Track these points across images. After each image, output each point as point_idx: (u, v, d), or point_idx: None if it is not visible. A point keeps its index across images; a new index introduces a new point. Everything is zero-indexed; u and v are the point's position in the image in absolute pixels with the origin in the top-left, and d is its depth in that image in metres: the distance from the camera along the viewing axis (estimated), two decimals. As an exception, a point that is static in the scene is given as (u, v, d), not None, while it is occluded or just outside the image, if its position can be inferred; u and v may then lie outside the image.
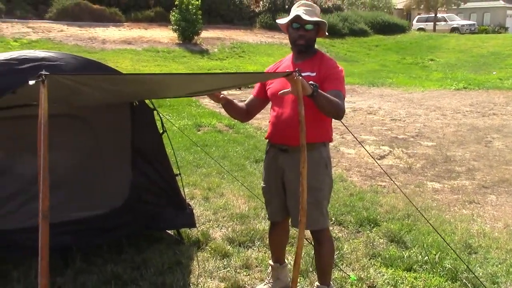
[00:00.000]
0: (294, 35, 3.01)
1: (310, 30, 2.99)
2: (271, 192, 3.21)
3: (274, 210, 3.26)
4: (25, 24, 20.53)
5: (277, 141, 3.10)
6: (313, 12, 3.00)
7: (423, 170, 6.75)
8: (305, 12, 2.94)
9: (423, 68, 22.51)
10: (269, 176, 3.19)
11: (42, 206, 1.62)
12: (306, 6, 3.01)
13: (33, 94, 2.00)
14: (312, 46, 3.07)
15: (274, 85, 3.08)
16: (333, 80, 2.95)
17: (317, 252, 3.23)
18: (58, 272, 3.49)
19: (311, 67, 2.97)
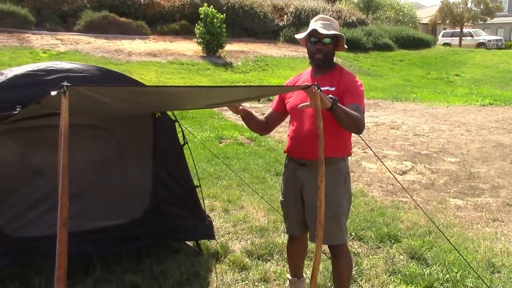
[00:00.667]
0: (312, 49, 3.01)
1: (327, 44, 2.98)
2: (289, 206, 3.21)
3: (292, 224, 3.26)
4: (54, 36, 21.02)
5: (296, 155, 3.10)
6: (331, 25, 2.99)
7: (446, 186, 6.65)
8: (322, 26, 2.94)
9: (448, 83, 22.27)
10: (288, 190, 3.19)
11: (60, 214, 1.65)
12: (324, 20, 3.01)
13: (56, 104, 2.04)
14: (330, 60, 3.06)
15: (293, 99, 3.08)
16: (352, 94, 2.94)
17: (335, 267, 3.20)
18: (79, 279, 3.54)
19: (330, 81, 2.97)
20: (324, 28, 2.93)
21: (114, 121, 3.65)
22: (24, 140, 3.46)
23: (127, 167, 3.87)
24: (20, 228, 3.47)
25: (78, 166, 3.38)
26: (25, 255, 3.50)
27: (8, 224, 3.43)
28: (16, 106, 2.83)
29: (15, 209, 3.46)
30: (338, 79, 2.98)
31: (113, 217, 3.77)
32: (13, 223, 3.44)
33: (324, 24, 2.97)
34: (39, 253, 3.49)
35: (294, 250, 3.41)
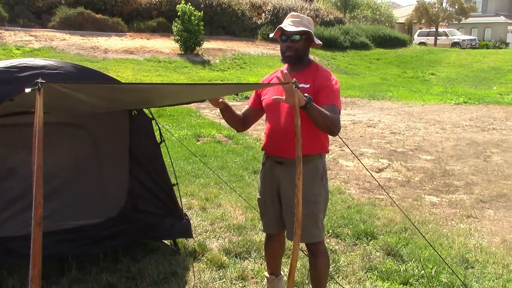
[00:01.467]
0: (282, 47, 3.02)
1: (297, 41, 2.97)
2: (266, 203, 3.21)
3: (269, 221, 3.26)
4: (28, 33, 20.64)
5: (272, 153, 3.10)
6: (300, 22, 2.99)
7: (421, 183, 6.75)
8: (291, 23, 2.95)
9: (423, 82, 22.58)
10: (265, 188, 3.19)
11: (35, 214, 1.63)
12: (293, 17, 3.01)
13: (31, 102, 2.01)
14: (302, 57, 3.05)
15: (268, 96, 3.08)
16: (328, 93, 2.94)
17: (312, 265, 3.21)
18: (54, 280, 3.49)
19: (305, 78, 2.96)
20: (292, 25, 2.94)
21: (90, 119, 3.61)
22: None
23: (104, 165, 3.83)
24: (-6, 228, 3.40)
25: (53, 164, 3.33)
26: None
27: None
28: (-12, 103, 2.77)
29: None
30: (314, 76, 2.97)
31: (89, 216, 3.73)
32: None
33: (293, 21, 2.98)
34: (13, 253, 3.43)
35: (272, 248, 3.41)
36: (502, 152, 8.81)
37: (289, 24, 2.94)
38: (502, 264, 4.13)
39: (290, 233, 3.01)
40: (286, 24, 2.94)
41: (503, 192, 6.32)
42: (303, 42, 3.00)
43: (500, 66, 25.53)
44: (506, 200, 6.03)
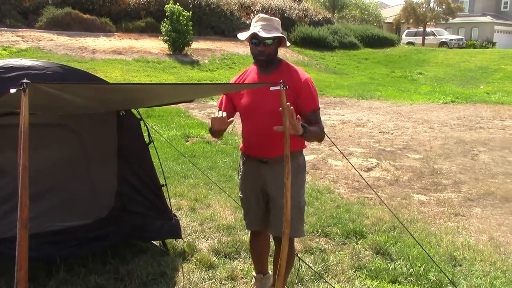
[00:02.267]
0: (254, 50, 2.97)
1: (269, 45, 2.93)
2: (250, 202, 3.22)
3: (253, 219, 3.27)
4: (15, 33, 20.45)
5: (256, 154, 3.10)
6: (272, 26, 2.93)
7: (410, 182, 6.79)
8: (262, 28, 2.89)
9: (411, 82, 22.72)
10: (248, 186, 3.20)
11: (21, 215, 1.61)
12: (264, 21, 2.95)
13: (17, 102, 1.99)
14: (274, 59, 3.03)
15: (245, 99, 3.07)
16: (308, 98, 2.98)
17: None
18: (41, 282, 3.46)
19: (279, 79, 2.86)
20: (265, 30, 2.88)
21: (77, 120, 3.58)
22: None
23: (92, 166, 3.81)
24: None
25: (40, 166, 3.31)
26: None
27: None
28: (-26, 104, 2.74)
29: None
30: (288, 77, 2.92)
31: (77, 217, 3.70)
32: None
33: (265, 25, 2.91)
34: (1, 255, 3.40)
35: (258, 247, 3.42)
36: (489, 150, 8.89)
37: (261, 29, 2.88)
38: (490, 262, 4.16)
39: (275, 229, 3.05)
40: (259, 29, 2.88)
41: (490, 190, 6.37)
42: (275, 46, 2.98)
43: (487, 65, 25.77)
44: (493, 198, 6.08)
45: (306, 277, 3.79)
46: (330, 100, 15.92)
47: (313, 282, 3.73)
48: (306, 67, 23.54)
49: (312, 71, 22.80)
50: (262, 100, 2.96)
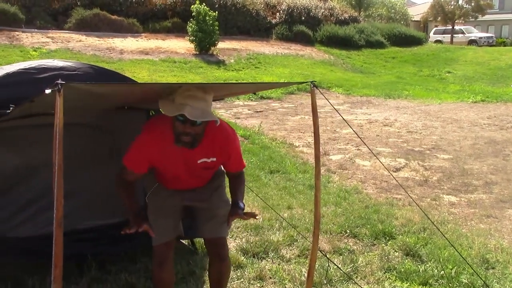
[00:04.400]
0: (179, 129, 2.53)
1: (198, 125, 2.52)
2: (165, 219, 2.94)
3: (167, 229, 2.93)
4: (45, 34, 20.84)
5: (179, 188, 2.98)
6: (203, 103, 2.47)
7: (440, 183, 6.68)
8: (194, 106, 2.43)
9: (440, 81, 22.35)
10: (166, 209, 2.97)
11: (56, 214, 1.63)
12: (194, 98, 2.44)
13: (50, 103, 2.02)
14: (200, 139, 2.63)
15: (168, 166, 2.80)
16: (236, 160, 2.94)
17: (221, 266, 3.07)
18: (73, 280, 3.51)
19: (205, 151, 2.71)
20: (196, 111, 2.43)
21: (108, 120, 3.62)
22: (18, 139, 3.42)
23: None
24: (14, 228, 3.43)
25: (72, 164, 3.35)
26: (18, 255, 3.47)
27: (2, 224, 3.39)
28: (9, 104, 2.80)
29: (9, 208, 3.42)
30: (215, 145, 2.71)
31: (108, 215, 3.74)
32: (6, 223, 3.41)
33: (196, 105, 2.43)
34: (32, 253, 3.46)
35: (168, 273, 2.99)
36: (522, 150, 8.69)
37: (191, 108, 2.41)
38: (524, 265, 4.07)
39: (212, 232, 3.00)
40: (188, 110, 2.40)
41: (523, 192, 6.23)
42: (204, 124, 2.57)
43: (518, 63, 25.20)
44: (527, 199, 5.94)
45: (335, 278, 3.76)
46: (356, 99, 15.79)
47: (342, 283, 3.70)
48: (332, 67, 23.42)
49: (338, 71, 22.66)
50: (191, 168, 2.78)
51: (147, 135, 2.72)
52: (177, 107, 2.43)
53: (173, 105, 2.46)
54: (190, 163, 2.75)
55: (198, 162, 2.76)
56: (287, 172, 6.94)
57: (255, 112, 12.59)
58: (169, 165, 2.76)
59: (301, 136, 9.61)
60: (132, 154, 2.72)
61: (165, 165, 2.77)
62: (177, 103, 2.44)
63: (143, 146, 2.70)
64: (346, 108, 13.61)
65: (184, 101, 2.42)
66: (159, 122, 2.72)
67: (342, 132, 10.10)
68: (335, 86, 17.65)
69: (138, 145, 2.71)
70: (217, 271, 3.06)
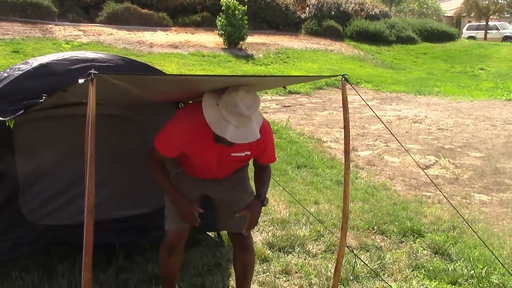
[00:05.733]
0: (224, 141, 2.47)
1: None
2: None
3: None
4: (77, 27, 21.19)
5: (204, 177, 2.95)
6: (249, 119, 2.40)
7: (471, 181, 6.55)
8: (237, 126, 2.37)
9: (472, 77, 21.90)
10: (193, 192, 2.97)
11: (87, 203, 1.65)
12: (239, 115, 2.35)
13: (83, 93, 2.05)
14: None
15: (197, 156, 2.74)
16: (270, 155, 2.94)
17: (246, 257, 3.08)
18: (101, 268, 3.56)
19: (241, 145, 2.59)
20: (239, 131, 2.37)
21: (137, 111, 3.65)
22: (50, 128, 3.48)
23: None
24: (45, 216, 3.50)
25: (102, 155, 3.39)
26: (49, 243, 3.54)
27: (33, 212, 3.46)
28: (41, 94, 2.84)
29: (40, 197, 3.49)
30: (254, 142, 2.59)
31: (136, 206, 3.78)
32: (38, 211, 3.48)
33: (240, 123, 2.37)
34: (62, 241, 3.53)
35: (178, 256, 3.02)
36: (557, 150, 8.45)
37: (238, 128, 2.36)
38: (558, 267, 3.96)
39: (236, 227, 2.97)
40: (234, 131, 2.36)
41: (558, 192, 6.06)
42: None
43: (554, 60, 24.50)
44: (561, 200, 5.78)
45: (361, 274, 3.73)
46: (386, 95, 15.59)
47: (369, 280, 3.67)
48: (361, 62, 23.18)
49: (367, 66, 22.42)
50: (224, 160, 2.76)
51: (186, 122, 2.60)
52: (220, 122, 2.36)
53: (218, 116, 2.38)
54: (224, 156, 2.72)
55: (232, 155, 2.72)
56: (314, 167, 6.90)
57: (283, 107, 12.56)
58: (202, 156, 2.71)
59: (329, 132, 9.55)
60: (165, 138, 2.64)
61: (197, 155, 2.71)
62: (221, 115, 2.37)
63: (179, 133, 2.60)
64: (375, 104, 13.45)
65: (228, 117, 2.34)
66: (200, 112, 2.48)
67: (371, 128, 9.99)
68: (364, 82, 17.46)
69: (174, 131, 2.62)
70: (242, 262, 3.07)
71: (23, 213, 3.43)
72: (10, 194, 3.38)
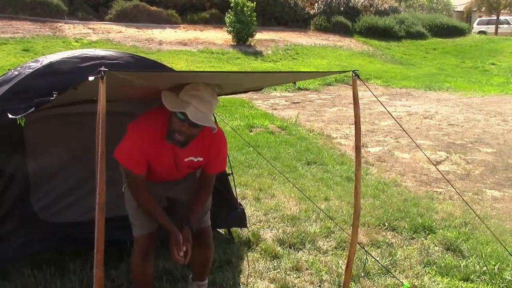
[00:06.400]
0: (176, 126, 2.47)
1: (197, 127, 2.48)
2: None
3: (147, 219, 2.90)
4: (86, 25, 21.28)
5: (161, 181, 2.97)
6: (209, 106, 2.43)
7: (482, 177, 6.49)
8: (198, 108, 2.38)
9: (483, 72, 21.72)
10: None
11: (99, 200, 1.65)
12: (200, 98, 2.39)
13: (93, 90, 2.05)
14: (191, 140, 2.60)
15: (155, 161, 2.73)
16: (220, 162, 2.92)
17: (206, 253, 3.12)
18: (113, 265, 3.57)
19: (194, 149, 2.69)
20: (198, 113, 2.37)
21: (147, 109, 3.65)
22: (61, 126, 3.49)
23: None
24: (56, 214, 3.51)
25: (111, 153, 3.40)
26: (60, 240, 3.55)
27: (45, 209, 3.48)
28: (52, 92, 2.85)
29: (52, 195, 3.50)
30: (203, 146, 2.70)
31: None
32: (49, 209, 3.49)
33: (201, 107, 2.39)
34: (74, 238, 3.53)
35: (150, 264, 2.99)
36: None
37: (195, 109, 2.37)
38: None
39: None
40: (193, 111, 2.36)
41: None
42: (201, 127, 2.51)
43: None
44: None
45: (372, 270, 3.71)
46: (395, 91, 15.51)
47: (380, 276, 3.65)
48: (371, 58, 23.07)
49: (377, 62, 22.31)
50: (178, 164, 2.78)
51: (138, 133, 2.63)
52: (179, 103, 2.37)
53: (177, 99, 2.39)
54: (178, 159, 2.74)
55: (185, 160, 2.74)
56: (324, 163, 6.88)
57: (292, 103, 12.53)
58: (159, 160, 2.70)
59: (339, 128, 9.51)
60: (128, 155, 2.65)
61: (156, 161, 2.71)
62: (181, 99, 2.38)
63: (138, 145, 2.62)
64: (384, 100, 13.38)
65: (189, 99, 2.37)
66: (151, 116, 2.65)
67: (381, 124, 9.94)
68: (373, 78, 17.38)
69: (133, 145, 2.64)
70: (202, 258, 3.08)
71: (35, 210, 3.44)
72: (21, 192, 3.40)
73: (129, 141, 2.64)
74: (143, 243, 2.86)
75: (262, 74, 2.90)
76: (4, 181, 3.29)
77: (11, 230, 3.32)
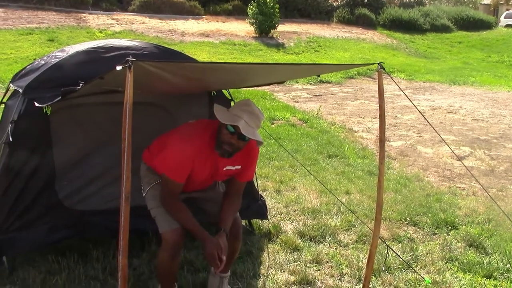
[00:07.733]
0: (225, 138, 2.64)
1: (245, 141, 2.65)
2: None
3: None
4: (110, 16, 21.45)
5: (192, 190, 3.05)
6: (257, 121, 2.62)
7: (507, 173, 6.39)
8: (248, 123, 2.55)
9: (510, 67, 21.31)
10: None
11: (125, 188, 1.67)
12: (251, 114, 2.59)
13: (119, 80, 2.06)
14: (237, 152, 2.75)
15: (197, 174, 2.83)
16: (251, 171, 3.02)
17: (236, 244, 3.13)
18: (135, 254, 3.62)
19: (233, 159, 2.79)
20: (249, 127, 2.54)
21: (171, 100, 3.68)
22: (86, 116, 3.53)
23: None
24: (80, 202, 3.56)
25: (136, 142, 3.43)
26: (84, 228, 3.60)
27: (69, 197, 3.52)
28: (78, 81, 2.89)
29: (76, 183, 3.55)
30: (245, 156, 2.83)
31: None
32: (74, 197, 3.54)
33: (251, 119, 2.57)
34: (97, 226, 3.58)
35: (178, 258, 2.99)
36: None
37: (246, 125, 2.54)
38: None
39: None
40: (243, 125, 2.53)
41: None
42: (248, 140, 2.68)
43: None
44: None
45: (393, 265, 3.69)
46: (419, 85, 15.32)
47: (401, 271, 3.63)
48: (394, 51, 22.81)
49: (400, 55, 22.05)
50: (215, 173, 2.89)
51: (186, 144, 2.71)
52: (232, 116, 2.55)
53: (229, 113, 2.59)
54: (216, 169, 2.83)
55: (223, 170, 2.84)
56: (345, 157, 6.84)
57: (314, 96, 12.47)
58: (201, 170, 2.79)
59: (361, 121, 9.44)
60: (175, 166, 2.72)
61: (198, 172, 2.79)
62: (233, 113, 2.57)
63: (185, 156, 2.70)
64: (408, 94, 13.22)
65: (240, 114, 2.55)
66: (199, 128, 2.81)
67: (404, 118, 9.84)
68: (397, 71, 17.19)
69: (180, 156, 2.71)
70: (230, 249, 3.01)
71: (60, 198, 3.49)
72: (47, 179, 3.45)
73: (178, 151, 2.73)
74: (173, 240, 2.82)
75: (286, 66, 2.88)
76: (30, 169, 3.34)
77: (37, 216, 3.38)
